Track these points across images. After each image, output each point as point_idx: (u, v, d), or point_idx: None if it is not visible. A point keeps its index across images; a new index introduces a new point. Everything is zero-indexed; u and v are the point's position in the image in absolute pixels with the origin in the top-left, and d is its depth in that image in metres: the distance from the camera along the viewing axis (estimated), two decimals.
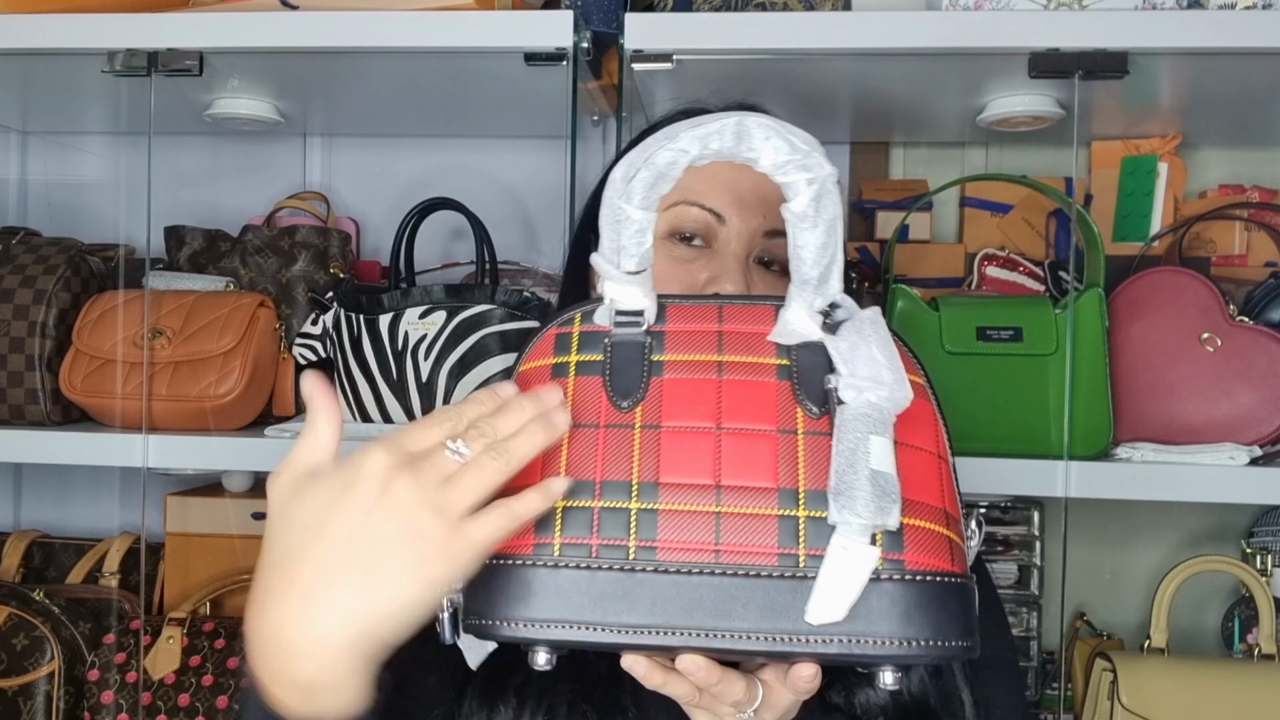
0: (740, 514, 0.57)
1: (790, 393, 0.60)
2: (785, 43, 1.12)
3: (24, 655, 1.31)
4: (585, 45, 1.18)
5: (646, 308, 0.63)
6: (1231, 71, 1.16)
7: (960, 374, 1.15)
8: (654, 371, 0.62)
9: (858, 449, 0.56)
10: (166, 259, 1.41)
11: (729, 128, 0.59)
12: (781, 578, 0.56)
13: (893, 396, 0.58)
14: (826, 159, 0.59)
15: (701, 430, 0.59)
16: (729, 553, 0.57)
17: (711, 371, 0.61)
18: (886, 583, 0.56)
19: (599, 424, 0.61)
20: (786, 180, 0.59)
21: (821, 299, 0.61)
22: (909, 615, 0.55)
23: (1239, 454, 1.12)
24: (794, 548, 0.56)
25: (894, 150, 1.58)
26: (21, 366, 1.27)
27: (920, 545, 0.57)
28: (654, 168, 0.60)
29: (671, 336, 0.63)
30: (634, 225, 0.61)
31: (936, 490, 0.60)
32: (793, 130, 0.59)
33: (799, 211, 0.59)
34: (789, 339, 0.62)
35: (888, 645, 0.55)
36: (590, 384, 0.62)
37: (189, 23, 1.18)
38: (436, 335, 1.20)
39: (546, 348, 0.65)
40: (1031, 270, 1.37)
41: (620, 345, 0.63)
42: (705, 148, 0.59)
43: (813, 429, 0.59)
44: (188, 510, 1.42)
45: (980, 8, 1.12)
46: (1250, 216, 1.39)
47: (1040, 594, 1.40)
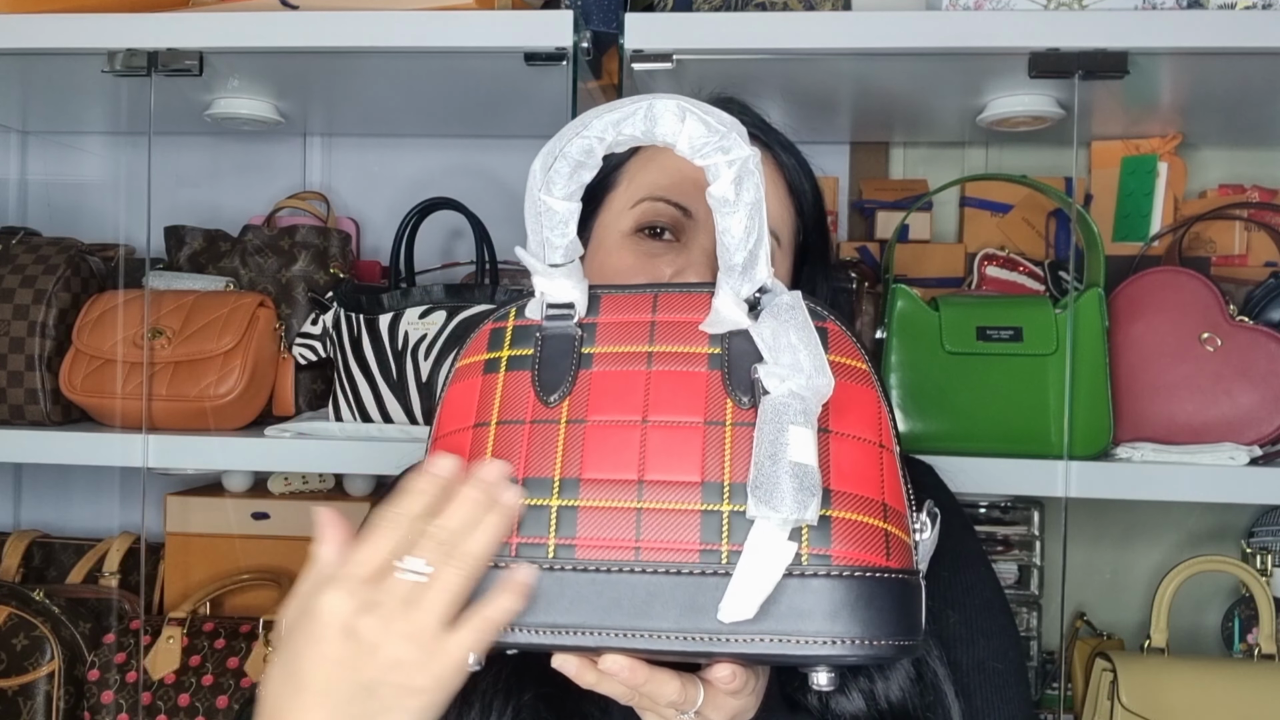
0: (662, 509, 0.56)
1: (721, 383, 0.59)
2: (785, 43, 1.12)
3: (24, 655, 1.31)
4: (585, 45, 1.18)
5: (576, 299, 0.62)
6: (1231, 71, 1.16)
7: (960, 374, 1.15)
8: (583, 364, 0.61)
9: (778, 440, 0.54)
10: (166, 259, 1.41)
11: (640, 111, 0.57)
12: (703, 575, 0.54)
13: (812, 384, 0.56)
14: (746, 140, 0.57)
15: (626, 424, 0.58)
16: (649, 550, 0.55)
17: (641, 363, 0.60)
18: (813, 579, 0.54)
19: (525, 420, 0.60)
20: (705, 163, 0.57)
21: (749, 285, 0.59)
22: (836, 612, 0.53)
23: (1239, 454, 1.11)
24: (716, 543, 0.55)
25: (894, 150, 1.58)
26: (21, 366, 1.27)
27: (850, 539, 0.55)
28: (569, 158, 0.59)
29: (603, 328, 0.62)
30: (556, 217, 0.60)
31: (875, 481, 0.57)
32: (710, 110, 0.57)
33: (720, 195, 0.57)
34: (719, 327, 0.60)
35: (815, 644, 0.53)
36: (519, 379, 0.61)
37: (189, 23, 1.18)
38: (436, 335, 1.20)
39: (481, 343, 0.64)
40: (1031, 270, 1.37)
41: (550, 339, 0.62)
42: (620, 133, 0.58)
43: (741, 420, 0.57)
44: (188, 510, 1.42)
45: (980, 8, 1.12)
46: (1250, 216, 1.39)
47: (1040, 594, 1.40)
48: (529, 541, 0.57)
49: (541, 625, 0.56)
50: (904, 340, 1.17)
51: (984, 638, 0.78)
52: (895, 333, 1.17)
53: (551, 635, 0.56)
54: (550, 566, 0.56)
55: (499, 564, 0.57)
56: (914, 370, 1.16)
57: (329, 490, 1.45)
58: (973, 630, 0.77)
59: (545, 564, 0.56)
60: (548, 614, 0.56)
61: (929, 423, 1.15)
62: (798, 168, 0.86)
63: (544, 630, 0.56)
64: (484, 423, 0.61)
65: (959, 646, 0.76)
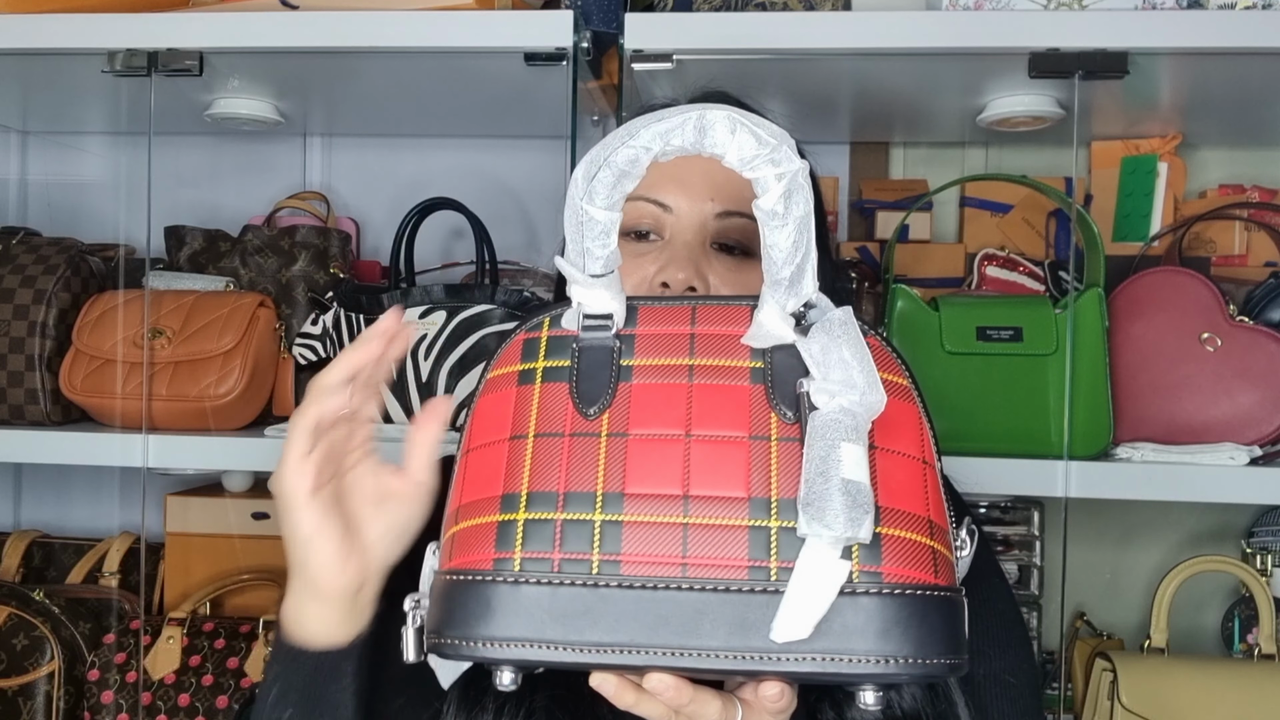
0: (709, 525, 0.54)
1: (764, 397, 0.57)
2: (785, 43, 1.12)
3: (24, 655, 1.31)
4: (585, 45, 1.18)
5: (615, 311, 0.61)
6: (1231, 71, 1.16)
7: (960, 374, 1.15)
8: (622, 377, 0.59)
9: (829, 457, 0.53)
10: (166, 259, 1.41)
11: (690, 122, 0.56)
12: (752, 592, 0.53)
13: (865, 401, 0.55)
14: (796, 153, 0.56)
15: (670, 438, 0.57)
16: (697, 566, 0.54)
17: (682, 376, 0.59)
18: (863, 597, 0.53)
19: (564, 433, 0.58)
20: (754, 175, 0.56)
21: (795, 300, 0.58)
22: (887, 631, 0.52)
23: (1239, 454, 1.11)
24: (765, 560, 0.53)
25: (894, 150, 1.58)
26: (21, 366, 1.27)
27: (900, 556, 0.54)
28: (614, 167, 0.57)
29: (642, 340, 0.61)
30: (598, 227, 0.58)
31: (920, 498, 0.56)
32: (760, 123, 0.56)
33: (768, 209, 0.56)
34: (762, 341, 0.59)
35: (865, 663, 0.52)
36: (557, 391, 0.60)
37: (189, 23, 1.18)
38: (436, 335, 1.20)
39: (514, 354, 0.63)
40: (1031, 270, 1.37)
41: (588, 350, 0.61)
42: (667, 144, 0.57)
43: (787, 435, 0.56)
44: (188, 510, 1.42)
45: (980, 8, 1.12)
46: (1250, 216, 1.39)
47: (1040, 594, 1.40)
48: (572, 557, 0.55)
49: (586, 644, 0.54)
50: (904, 340, 1.17)
51: (999, 650, 0.77)
52: (895, 333, 1.18)
53: (597, 654, 0.54)
54: (594, 583, 0.54)
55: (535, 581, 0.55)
56: (914, 370, 1.16)
57: None
58: (987, 643, 0.76)
59: (589, 580, 0.54)
60: (592, 632, 0.54)
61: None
62: None
63: (589, 649, 0.54)
64: (521, 435, 0.59)
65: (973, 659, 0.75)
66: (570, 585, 0.55)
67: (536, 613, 0.55)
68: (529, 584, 0.55)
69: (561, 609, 0.54)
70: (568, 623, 0.54)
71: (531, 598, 0.55)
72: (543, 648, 0.54)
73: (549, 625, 0.54)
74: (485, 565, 0.56)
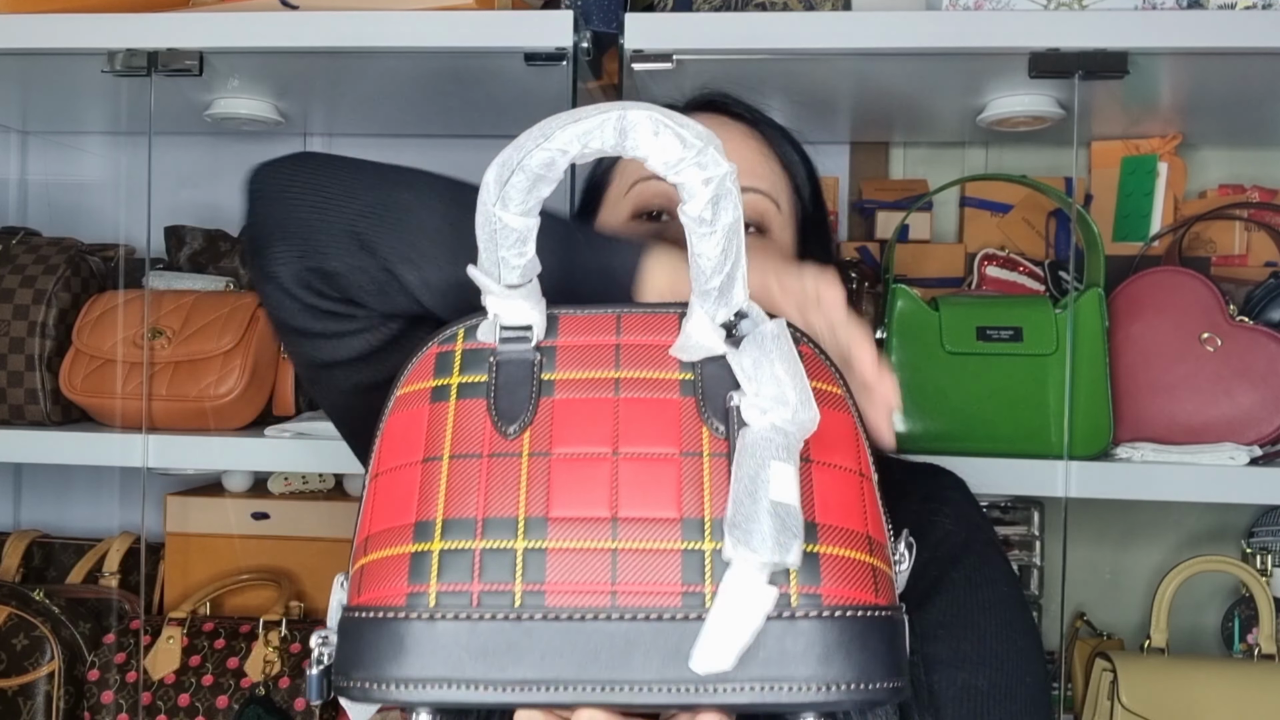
0: (640, 549, 0.51)
1: (695, 410, 0.54)
2: (785, 43, 1.12)
3: (24, 655, 1.31)
4: (585, 45, 1.18)
5: (534, 321, 0.57)
6: (1231, 71, 1.16)
7: (960, 374, 1.15)
8: (544, 392, 0.56)
9: (758, 476, 0.50)
10: (166, 259, 1.41)
11: (610, 123, 0.53)
12: (686, 619, 0.50)
13: (797, 419, 0.52)
14: (723, 155, 0.53)
15: (596, 456, 0.53)
16: (627, 594, 0.51)
17: (608, 390, 0.55)
18: (802, 620, 0.50)
19: (482, 453, 0.54)
20: (679, 180, 0.53)
21: (725, 310, 0.55)
22: (828, 656, 0.50)
23: (1239, 454, 1.12)
24: (699, 585, 0.50)
25: (894, 150, 1.58)
26: (21, 366, 1.27)
27: (840, 576, 0.51)
28: (529, 171, 0.53)
29: (564, 352, 0.57)
30: (513, 234, 0.55)
31: (858, 512, 0.54)
32: (685, 123, 0.53)
33: (695, 215, 0.53)
34: (691, 355, 0.56)
35: (806, 690, 0.49)
36: (474, 408, 0.56)
37: (189, 23, 1.18)
38: None
39: (427, 369, 0.58)
40: (1031, 270, 1.37)
41: (506, 364, 0.57)
42: (585, 146, 0.53)
43: (720, 450, 0.53)
44: (188, 510, 1.42)
45: (980, 8, 1.12)
46: (1250, 216, 1.39)
47: (1040, 594, 1.40)
48: (492, 589, 0.51)
49: (510, 681, 0.50)
50: (904, 340, 1.17)
51: (996, 661, 0.74)
52: (895, 333, 1.18)
53: (521, 692, 0.50)
54: (518, 616, 0.51)
55: (452, 616, 0.51)
56: (914, 370, 1.16)
57: (329, 490, 1.45)
58: (984, 652, 0.74)
59: (511, 614, 0.51)
60: (516, 669, 0.50)
61: (929, 423, 1.15)
62: (784, 140, 0.87)
63: (513, 687, 0.50)
64: (435, 457, 0.55)
65: (966, 667, 0.74)
66: (491, 619, 0.51)
67: (455, 650, 0.51)
68: (446, 619, 0.51)
69: (482, 645, 0.51)
70: (489, 660, 0.51)
71: (449, 634, 0.51)
72: (462, 688, 0.51)
73: (468, 663, 0.51)
74: (398, 600, 0.52)
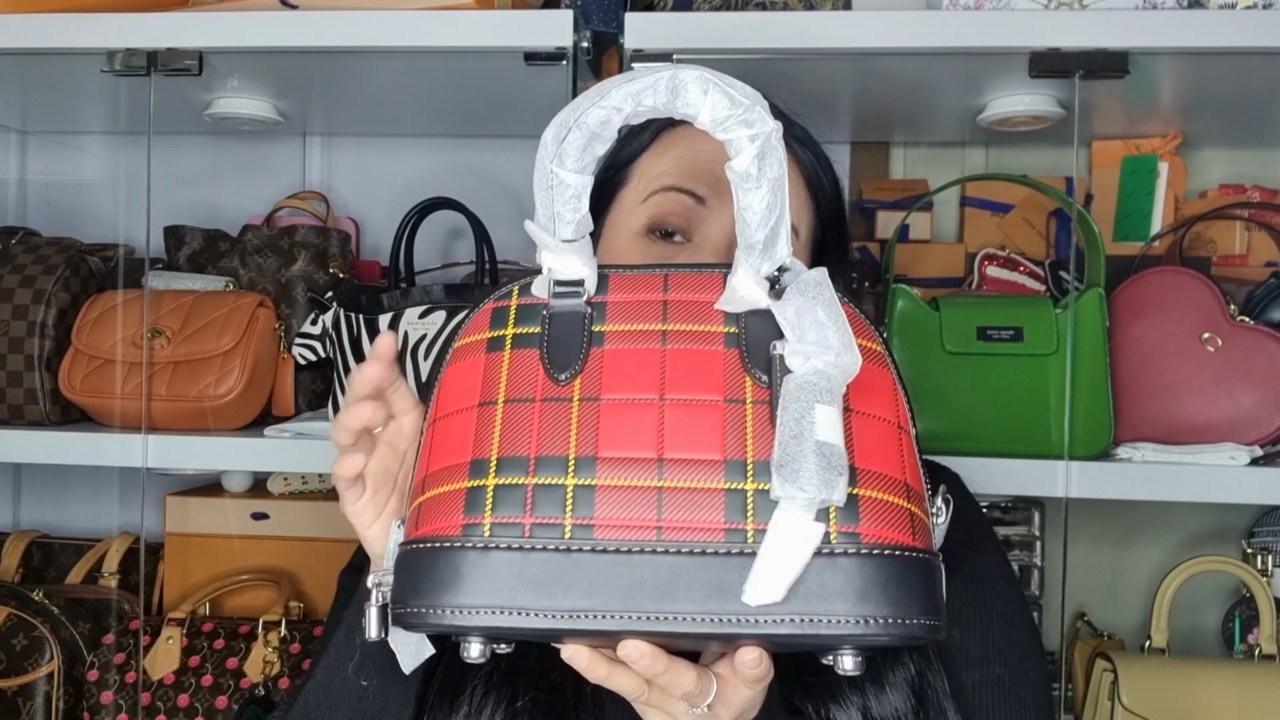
0: (684, 488, 0.53)
1: (739, 362, 0.57)
2: (785, 43, 1.12)
3: (23, 655, 1.31)
4: (585, 45, 1.18)
5: (586, 277, 0.60)
6: (1231, 71, 1.16)
7: (960, 374, 1.15)
8: (594, 342, 0.58)
9: (803, 419, 0.52)
10: (166, 259, 1.40)
11: (663, 82, 0.55)
12: (728, 555, 0.52)
13: (840, 362, 0.54)
14: (769, 114, 0.55)
15: (643, 402, 0.56)
16: (672, 530, 0.53)
17: (655, 341, 0.58)
18: (841, 557, 0.52)
19: (535, 398, 0.57)
20: (728, 137, 0.55)
21: (769, 264, 0.57)
22: (866, 592, 0.51)
23: (1240, 454, 1.11)
24: (742, 522, 0.53)
25: (894, 150, 1.58)
26: (21, 366, 1.27)
27: (878, 518, 0.53)
28: (585, 128, 0.56)
29: (613, 307, 0.60)
30: (569, 190, 0.57)
31: (896, 461, 0.56)
32: (732, 83, 0.55)
33: (741, 170, 0.55)
34: (736, 306, 0.58)
35: (844, 624, 0.51)
36: (527, 357, 0.59)
37: (189, 22, 1.18)
38: (436, 335, 1.20)
39: (483, 322, 0.62)
40: (1032, 270, 1.37)
41: (559, 316, 0.59)
42: (639, 104, 0.55)
43: (762, 399, 0.55)
44: (187, 510, 1.42)
45: (980, 7, 1.11)
46: (1251, 216, 1.39)
47: (1041, 594, 1.40)
48: (543, 521, 0.54)
49: (558, 610, 0.52)
50: (904, 340, 1.17)
51: (1000, 657, 0.75)
52: (895, 333, 1.17)
53: (569, 620, 0.52)
54: (567, 548, 0.53)
55: (505, 546, 0.53)
56: (914, 370, 1.16)
57: (329, 490, 1.45)
58: (989, 649, 0.75)
59: (561, 545, 0.53)
60: (565, 598, 0.52)
61: (929, 423, 1.15)
62: (815, 162, 0.84)
63: (561, 615, 0.52)
64: (490, 401, 0.58)
65: (973, 665, 0.74)
66: (542, 550, 0.53)
67: (507, 579, 0.53)
68: (499, 549, 0.53)
69: (533, 574, 0.53)
70: (539, 589, 0.53)
71: (502, 563, 0.53)
72: (513, 614, 0.53)
73: (520, 591, 0.53)
74: (454, 531, 0.55)
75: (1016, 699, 0.74)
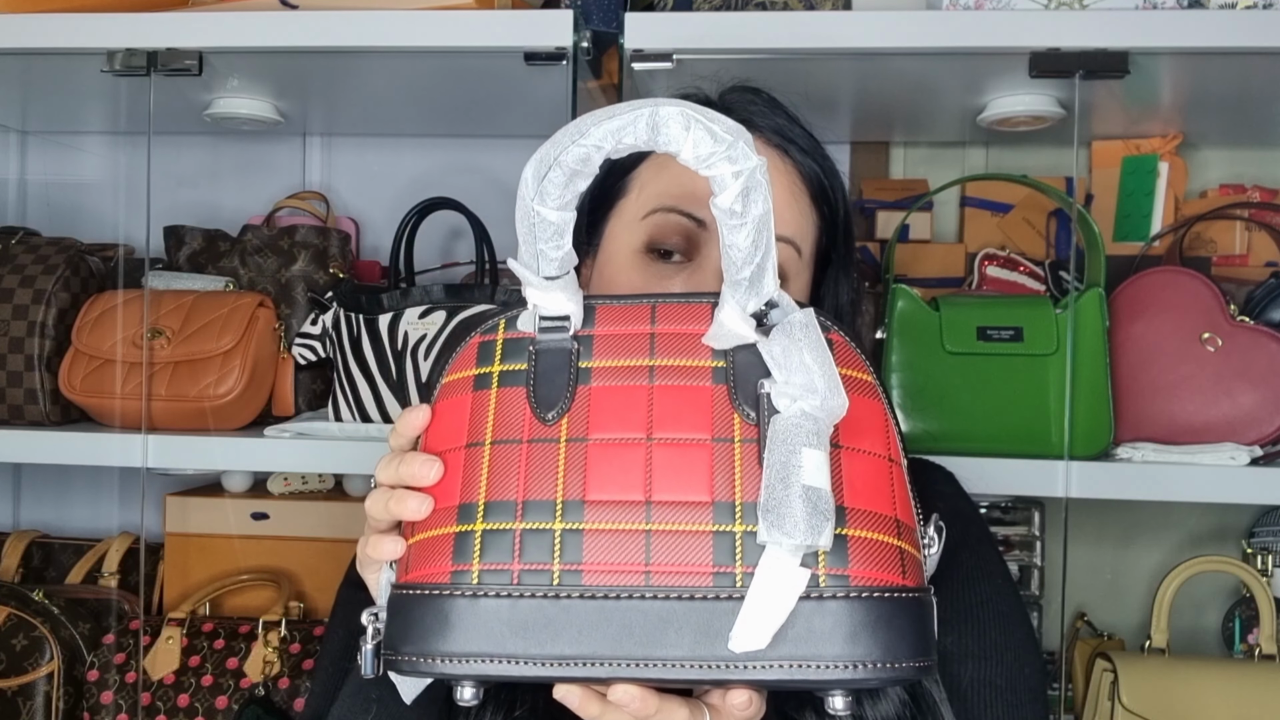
0: (673, 531, 0.53)
1: (727, 397, 0.56)
2: (785, 43, 1.12)
3: (23, 655, 1.31)
4: (585, 45, 1.18)
5: (572, 312, 0.60)
6: (1231, 71, 1.16)
7: (960, 374, 1.15)
8: (581, 379, 0.58)
9: (789, 463, 0.52)
10: (166, 259, 1.40)
11: (643, 118, 0.54)
12: (717, 599, 0.52)
13: (826, 406, 0.54)
14: (753, 149, 0.55)
15: (631, 442, 0.55)
16: (661, 573, 0.53)
17: (643, 377, 0.57)
18: (830, 600, 0.52)
19: (522, 439, 0.57)
20: (711, 174, 0.55)
21: (756, 300, 0.57)
22: (856, 635, 0.51)
23: (1240, 454, 1.11)
24: (730, 566, 0.53)
25: (894, 150, 1.58)
26: (21, 366, 1.27)
27: (867, 558, 0.53)
28: (565, 167, 0.55)
29: (600, 341, 0.59)
30: (551, 228, 0.57)
31: (887, 497, 0.56)
32: (715, 118, 0.54)
33: (726, 208, 0.55)
34: (723, 342, 0.58)
35: (834, 669, 0.51)
36: (514, 396, 0.58)
37: (189, 23, 1.18)
38: (436, 335, 1.20)
39: (469, 358, 0.61)
40: (1032, 270, 1.37)
41: (545, 353, 0.59)
42: (619, 141, 0.55)
43: (750, 436, 0.55)
44: (187, 510, 1.42)
45: (980, 7, 1.11)
46: (1251, 216, 1.39)
47: (1041, 594, 1.40)
48: (532, 568, 0.54)
49: (548, 657, 0.53)
50: (904, 340, 1.17)
51: (996, 654, 0.75)
52: (895, 333, 1.17)
53: (559, 667, 0.53)
54: (556, 594, 0.53)
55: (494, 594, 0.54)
56: (914, 370, 1.16)
57: (329, 490, 1.45)
58: (985, 646, 0.75)
59: (550, 592, 0.53)
60: (554, 645, 0.53)
61: (929, 423, 1.15)
62: (821, 174, 0.82)
63: (551, 662, 0.53)
64: (477, 442, 0.58)
65: (969, 662, 0.74)
66: (531, 597, 0.53)
67: (496, 626, 0.53)
68: (488, 597, 0.54)
69: (522, 622, 0.53)
70: (529, 636, 0.53)
71: (491, 611, 0.53)
72: (503, 662, 0.53)
73: (509, 639, 0.53)
74: (442, 578, 0.55)
75: (1012, 695, 0.74)
